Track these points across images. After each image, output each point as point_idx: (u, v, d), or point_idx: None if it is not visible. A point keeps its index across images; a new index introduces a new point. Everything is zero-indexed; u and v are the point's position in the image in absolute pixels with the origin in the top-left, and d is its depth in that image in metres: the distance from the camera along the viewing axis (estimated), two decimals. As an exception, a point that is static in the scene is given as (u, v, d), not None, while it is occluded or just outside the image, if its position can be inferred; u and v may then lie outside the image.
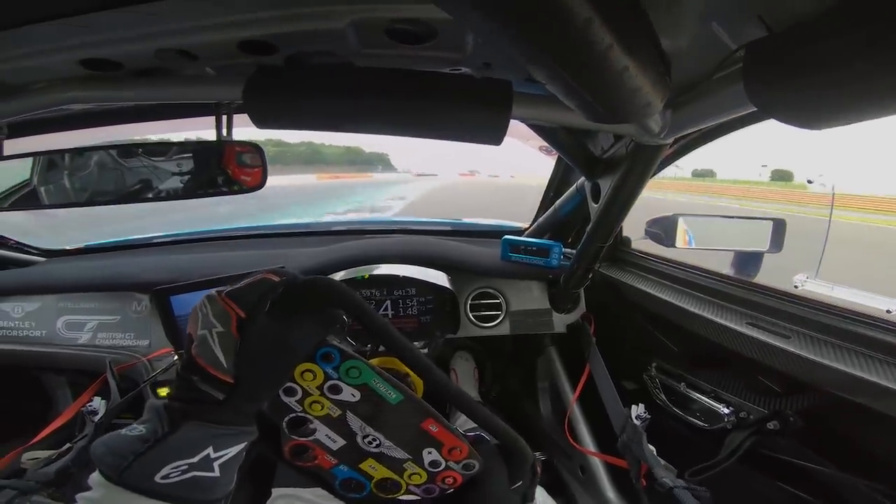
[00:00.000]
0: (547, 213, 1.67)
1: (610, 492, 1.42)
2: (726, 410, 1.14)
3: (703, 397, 1.21)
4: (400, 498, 0.73)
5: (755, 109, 0.62)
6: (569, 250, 1.57)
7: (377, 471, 0.71)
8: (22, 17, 0.56)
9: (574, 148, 1.19)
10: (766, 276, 1.30)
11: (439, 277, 1.34)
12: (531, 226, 1.89)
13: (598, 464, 1.46)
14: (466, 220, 2.46)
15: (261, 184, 1.10)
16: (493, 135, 0.79)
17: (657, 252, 1.44)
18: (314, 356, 0.62)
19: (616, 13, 0.41)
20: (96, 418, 1.14)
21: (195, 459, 0.52)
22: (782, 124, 0.55)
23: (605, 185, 1.16)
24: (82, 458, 1.19)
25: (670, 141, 0.92)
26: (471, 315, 1.59)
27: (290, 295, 0.59)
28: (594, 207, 1.24)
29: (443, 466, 0.68)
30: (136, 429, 0.52)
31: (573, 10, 0.37)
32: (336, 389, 0.64)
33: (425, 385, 0.92)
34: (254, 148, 1.07)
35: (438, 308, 1.33)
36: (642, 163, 1.02)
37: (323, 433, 0.68)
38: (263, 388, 0.59)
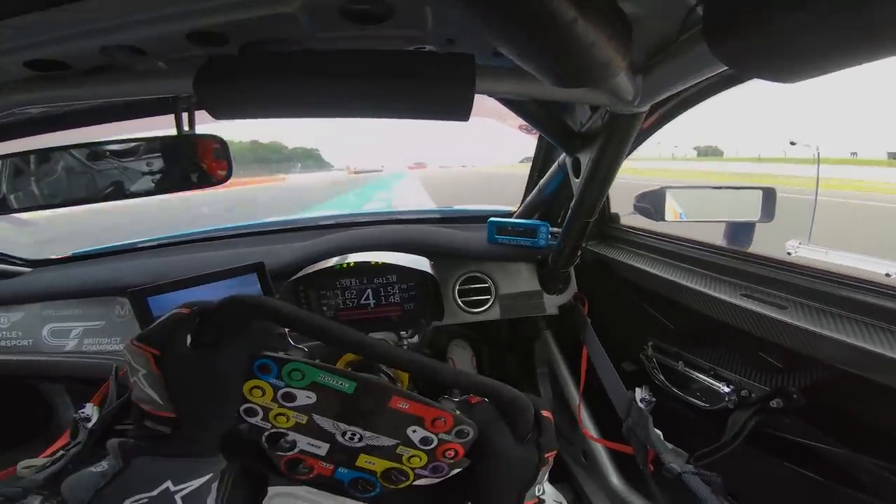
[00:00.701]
0: (532, 193, 1.63)
1: (614, 477, 1.40)
2: (727, 389, 1.09)
3: (702, 376, 1.16)
4: (416, 485, 0.72)
5: (725, 68, 0.61)
6: (556, 229, 1.53)
7: (376, 464, 0.70)
8: None
9: (551, 123, 1.15)
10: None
11: (421, 263, 1.30)
12: (519, 208, 1.85)
13: (601, 449, 1.44)
14: (455, 206, 2.44)
15: (227, 176, 1.09)
16: (459, 110, 0.76)
17: (647, 227, 1.40)
18: (253, 372, 0.63)
19: None
20: (89, 425, 1.12)
21: (154, 493, 0.55)
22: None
23: (585, 158, 1.12)
24: (74, 465, 1.18)
25: (645, 108, 0.89)
26: (459, 301, 1.56)
27: (208, 322, 0.61)
28: (576, 183, 1.20)
29: (436, 441, 0.67)
30: (101, 465, 0.55)
31: None
32: (290, 397, 0.64)
33: (388, 366, 0.91)
34: (216, 140, 1.06)
35: (422, 294, 1.30)
36: (619, 133, 0.98)
37: (304, 442, 0.68)
38: (208, 416, 0.61)
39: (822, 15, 0.37)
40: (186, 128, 1.00)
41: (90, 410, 1.17)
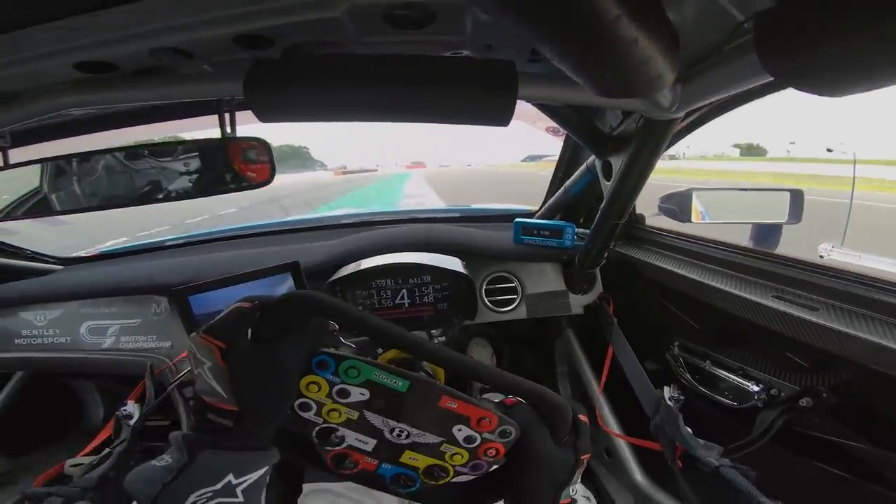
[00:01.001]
0: (557, 193, 1.65)
1: (638, 474, 1.42)
2: (756, 388, 1.11)
3: (730, 375, 1.19)
4: (454, 481, 0.74)
5: (770, 79, 0.62)
6: (582, 230, 1.55)
7: (419, 461, 0.72)
8: (11, 22, 0.56)
9: (582, 126, 1.17)
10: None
11: (454, 263, 1.33)
12: (541, 208, 1.87)
13: (623, 446, 1.46)
14: (476, 205, 2.45)
15: (268, 179, 1.10)
16: (500, 116, 0.77)
17: (673, 228, 1.42)
18: (311, 368, 0.65)
19: None
20: (132, 422, 1.16)
21: (218, 486, 0.56)
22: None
23: (617, 162, 1.14)
24: (122, 463, 1.21)
25: (681, 115, 0.90)
26: (486, 300, 1.59)
27: (269, 317, 0.63)
28: (606, 185, 1.22)
29: (479, 440, 0.69)
30: (164, 459, 0.56)
31: None
32: (344, 393, 0.66)
33: (436, 365, 0.93)
34: (259, 143, 1.07)
35: (455, 294, 1.33)
36: (654, 138, 1.00)
37: (352, 437, 0.70)
38: (268, 410, 0.63)
39: (890, 36, 0.39)
40: (228, 130, 1.02)
41: (132, 408, 1.21)
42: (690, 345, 1.34)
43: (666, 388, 1.22)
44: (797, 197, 1.25)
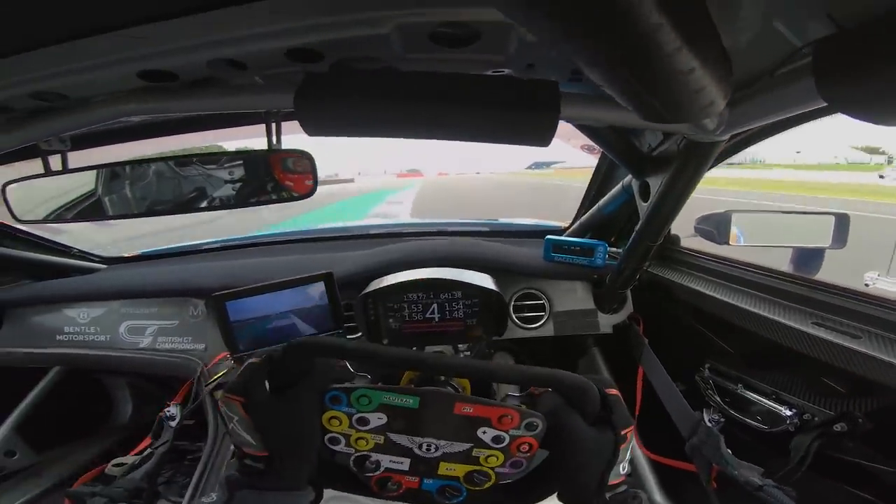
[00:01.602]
0: (590, 211, 1.65)
1: (657, 495, 1.39)
2: (789, 413, 1.10)
3: (762, 399, 1.17)
4: (501, 484, 0.76)
5: (821, 105, 0.62)
6: (613, 249, 1.54)
7: (456, 469, 0.75)
8: (83, 29, 0.58)
9: (621, 146, 1.17)
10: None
11: (485, 280, 1.34)
12: (571, 225, 1.87)
13: (644, 465, 1.43)
14: (503, 220, 2.46)
15: (311, 191, 1.12)
16: (542, 136, 0.78)
17: (709, 250, 1.40)
18: (326, 404, 0.70)
19: (685, 16, 0.40)
20: (174, 423, 1.19)
21: None
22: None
23: (655, 183, 1.14)
24: (163, 464, 1.24)
25: (726, 138, 0.90)
26: (514, 316, 1.59)
27: (278, 367, 0.69)
28: (643, 206, 1.22)
29: (507, 438, 0.70)
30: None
31: (644, 14, 0.36)
32: (364, 421, 0.71)
33: (453, 376, 0.95)
34: (303, 155, 1.09)
35: (484, 310, 1.33)
36: (696, 160, 1.00)
37: (386, 460, 0.75)
38: (293, 451, 0.69)
39: None
40: (274, 141, 1.04)
41: (175, 410, 1.24)
42: (722, 368, 1.32)
43: (706, 410, 1.22)
44: (842, 221, 1.22)
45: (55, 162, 1.05)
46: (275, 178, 1.13)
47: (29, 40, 0.60)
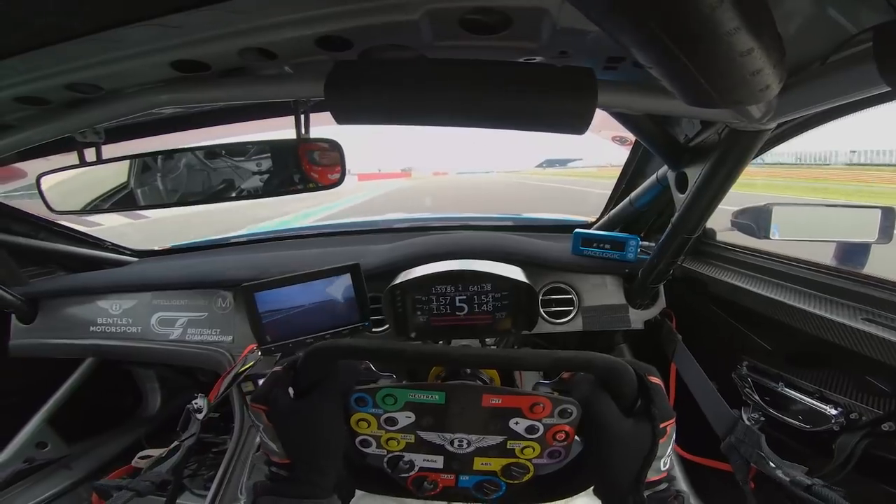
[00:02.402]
0: (621, 205, 1.61)
1: (690, 495, 1.36)
2: (834, 411, 1.06)
3: (805, 397, 1.13)
4: (541, 475, 0.74)
5: (881, 90, 0.60)
6: (645, 243, 1.51)
7: (492, 464, 0.73)
8: (116, 19, 0.58)
9: (658, 136, 1.13)
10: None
11: (516, 272, 1.31)
12: (599, 219, 1.83)
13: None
14: (527, 214, 2.44)
15: (339, 181, 1.11)
16: (578, 124, 0.75)
17: (747, 244, 1.35)
18: (352, 406, 0.69)
19: None
20: (201, 416, 1.20)
21: None
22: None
23: (694, 174, 1.10)
24: (189, 457, 1.26)
25: (772, 126, 0.86)
26: (542, 311, 1.56)
27: (299, 373, 0.69)
28: (680, 198, 1.18)
29: (541, 427, 0.68)
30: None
31: None
32: (392, 421, 0.70)
33: (478, 367, 0.93)
34: (332, 145, 1.08)
35: (514, 304, 1.31)
36: (738, 150, 0.96)
37: (420, 459, 0.73)
38: (316, 457, 0.68)
39: None
40: (302, 131, 1.03)
41: (202, 402, 1.25)
42: (762, 365, 1.29)
43: (744, 409, 1.19)
44: (889, 215, 1.17)
45: (89, 154, 1.06)
46: (303, 167, 1.13)
47: (65, 31, 0.60)
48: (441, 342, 1.40)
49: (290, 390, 0.69)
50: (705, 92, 0.57)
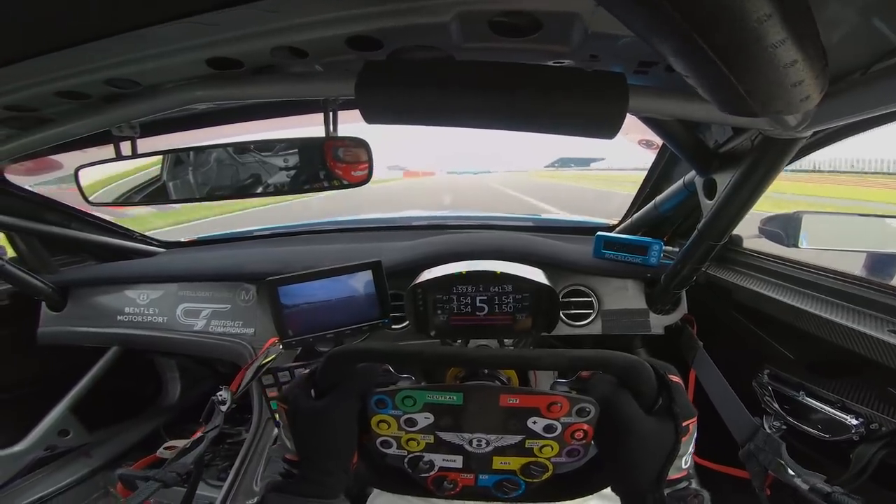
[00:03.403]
0: (645, 208, 1.60)
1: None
2: (854, 422, 1.06)
3: (826, 407, 1.13)
4: (560, 473, 0.75)
5: None
6: (669, 248, 1.49)
7: (511, 463, 0.74)
8: (156, 16, 0.60)
9: (688, 141, 1.12)
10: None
11: (537, 274, 1.31)
12: (621, 222, 1.82)
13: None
14: (546, 216, 2.42)
15: (366, 179, 1.12)
16: (608, 128, 0.75)
17: (775, 251, 1.34)
18: (372, 408, 0.70)
19: (793, 6, 0.39)
20: (224, 408, 1.21)
21: None
22: None
23: (723, 180, 1.09)
24: (214, 448, 1.27)
25: (807, 134, 0.85)
26: (560, 313, 1.55)
27: (319, 375, 0.71)
28: (707, 204, 1.17)
29: (559, 426, 0.69)
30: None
31: (755, 4, 0.35)
32: (411, 422, 0.71)
33: (496, 367, 0.94)
34: (360, 144, 1.09)
35: (535, 305, 1.30)
36: (771, 158, 0.95)
37: (439, 459, 0.74)
38: (323, 457, 0.70)
39: None
40: (331, 129, 1.04)
41: (226, 394, 1.27)
42: (783, 374, 1.28)
43: (765, 417, 1.20)
44: (922, 226, 1.15)
45: (124, 148, 1.09)
46: (329, 165, 1.14)
47: (106, 28, 0.62)
48: (459, 342, 1.40)
49: (312, 391, 0.71)
50: (744, 101, 0.56)
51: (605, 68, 0.78)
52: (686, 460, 0.68)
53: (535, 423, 0.69)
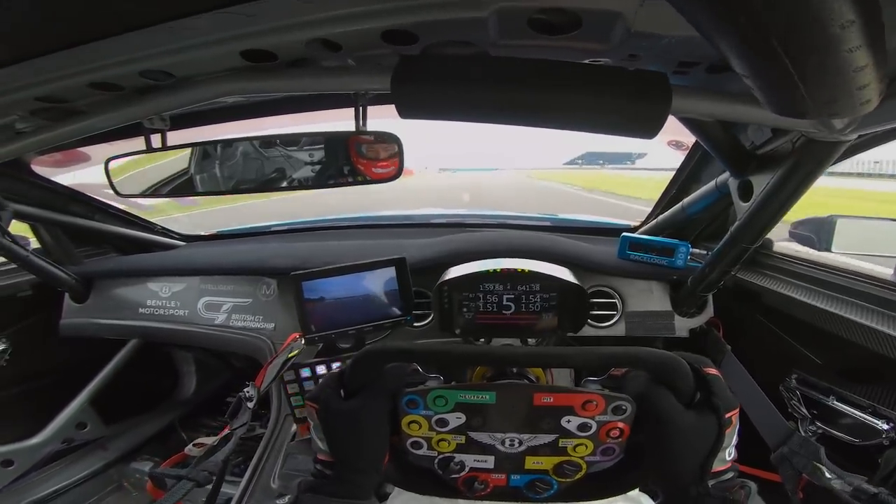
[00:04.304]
0: (671, 210, 1.57)
1: None
2: (886, 426, 1.06)
3: (856, 412, 1.12)
4: (593, 472, 0.74)
5: None
6: (695, 251, 1.47)
7: (543, 462, 0.74)
8: (194, 6, 0.59)
9: (725, 142, 1.10)
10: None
11: (565, 273, 1.30)
12: (644, 223, 1.80)
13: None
14: (563, 215, 2.41)
15: (397, 174, 1.11)
16: (649, 128, 0.74)
17: (807, 255, 1.32)
18: (403, 409, 0.70)
19: (873, 12, 0.38)
20: (251, 404, 1.21)
21: None
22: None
23: (760, 182, 1.07)
24: (242, 446, 1.27)
25: (853, 137, 0.83)
26: None
27: (348, 375, 0.71)
28: (742, 206, 1.15)
29: (594, 424, 0.68)
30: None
31: (838, 11, 0.35)
32: (443, 422, 0.70)
33: (525, 366, 0.93)
34: (391, 138, 1.08)
35: (562, 305, 1.29)
36: (814, 160, 0.93)
37: (470, 460, 0.74)
38: (357, 458, 0.71)
39: None
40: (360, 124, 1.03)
41: (253, 391, 1.27)
42: (811, 378, 1.27)
43: (800, 421, 1.20)
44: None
45: (154, 140, 1.09)
46: (353, 159, 1.13)
47: (146, 17, 0.61)
48: (482, 340, 1.40)
49: (342, 392, 0.71)
50: (803, 104, 0.55)
51: (644, 67, 0.76)
52: (730, 452, 0.68)
53: (569, 421, 0.68)
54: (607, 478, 0.77)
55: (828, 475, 1.03)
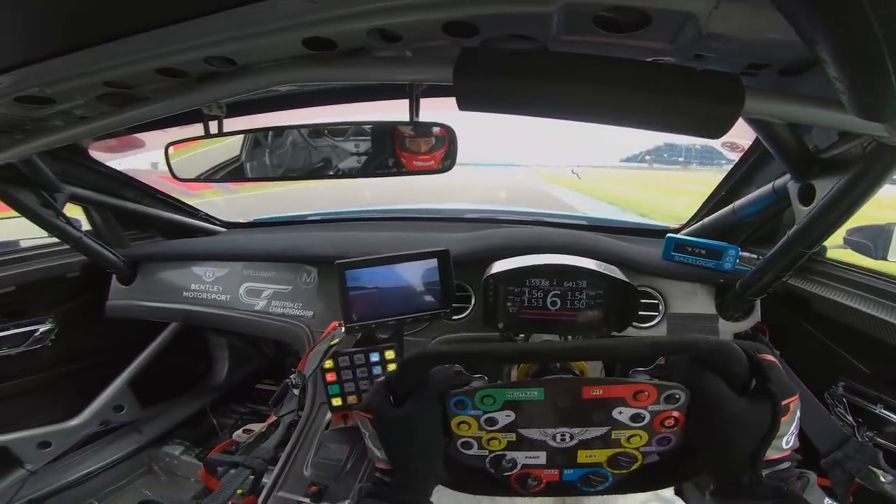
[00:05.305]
0: (721, 212, 1.54)
1: None
2: None
3: None
4: (648, 463, 0.74)
5: None
6: (744, 254, 1.44)
7: (597, 455, 0.73)
8: None
9: (790, 144, 1.07)
10: None
11: (614, 270, 1.28)
12: (687, 224, 1.77)
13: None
14: (597, 215, 2.37)
15: (449, 166, 1.12)
16: (718, 128, 0.73)
17: (861, 263, 1.29)
18: (452, 410, 0.70)
19: None
20: (297, 391, 1.23)
21: None
22: None
23: (824, 186, 1.04)
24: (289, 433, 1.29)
25: None
26: None
27: (396, 381, 0.71)
28: (802, 210, 1.12)
29: (647, 414, 0.67)
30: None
31: None
32: (492, 421, 0.70)
33: (569, 360, 0.93)
34: (446, 129, 1.08)
35: (609, 303, 1.27)
36: (882, 166, 0.91)
37: (522, 457, 0.74)
38: (415, 462, 0.71)
39: None
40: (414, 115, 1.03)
41: (299, 378, 1.29)
42: (859, 386, 1.26)
43: (857, 427, 1.21)
44: None
45: (212, 127, 1.11)
46: (396, 151, 1.13)
47: (215, 3, 0.61)
48: (522, 336, 1.39)
49: (391, 398, 0.72)
50: (889, 104, 0.53)
51: (712, 67, 0.75)
52: (788, 440, 0.65)
53: (620, 413, 0.68)
54: (663, 467, 0.75)
55: (882, 479, 1.04)
